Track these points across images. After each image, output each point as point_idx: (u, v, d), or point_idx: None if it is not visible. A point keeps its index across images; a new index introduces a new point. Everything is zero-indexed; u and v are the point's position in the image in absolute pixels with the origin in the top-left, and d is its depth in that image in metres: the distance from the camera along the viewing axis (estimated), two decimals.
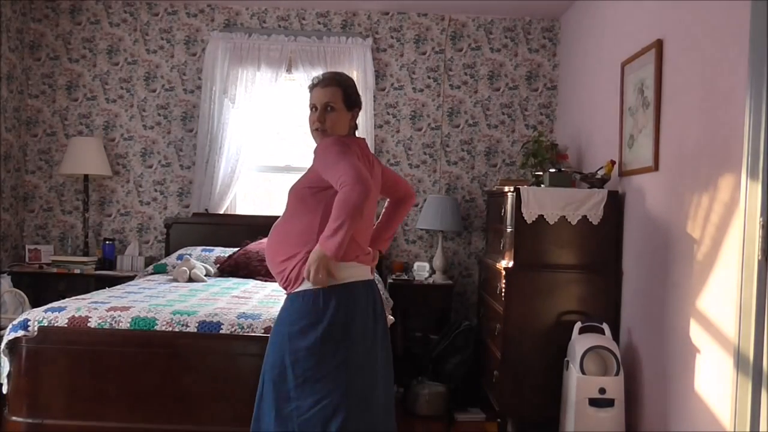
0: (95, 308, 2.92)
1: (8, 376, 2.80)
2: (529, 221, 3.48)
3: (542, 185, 3.70)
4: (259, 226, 4.54)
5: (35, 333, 2.80)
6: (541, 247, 3.50)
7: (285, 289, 2.26)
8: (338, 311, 2.15)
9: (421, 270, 4.66)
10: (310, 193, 2.24)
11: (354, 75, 4.71)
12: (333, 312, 2.14)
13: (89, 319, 2.84)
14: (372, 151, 3.10)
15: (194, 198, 4.83)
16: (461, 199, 4.95)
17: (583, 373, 3.14)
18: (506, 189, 3.73)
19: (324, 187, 2.20)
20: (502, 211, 3.86)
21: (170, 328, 2.82)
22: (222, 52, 4.80)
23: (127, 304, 3.01)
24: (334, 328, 2.14)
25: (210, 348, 2.82)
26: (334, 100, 2.30)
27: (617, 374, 3.15)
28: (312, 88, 2.36)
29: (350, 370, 2.15)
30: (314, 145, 2.35)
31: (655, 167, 3.11)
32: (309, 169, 2.30)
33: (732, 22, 2.48)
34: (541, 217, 3.48)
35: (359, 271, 2.25)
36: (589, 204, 3.47)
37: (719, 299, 2.51)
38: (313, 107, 2.33)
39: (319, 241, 2.11)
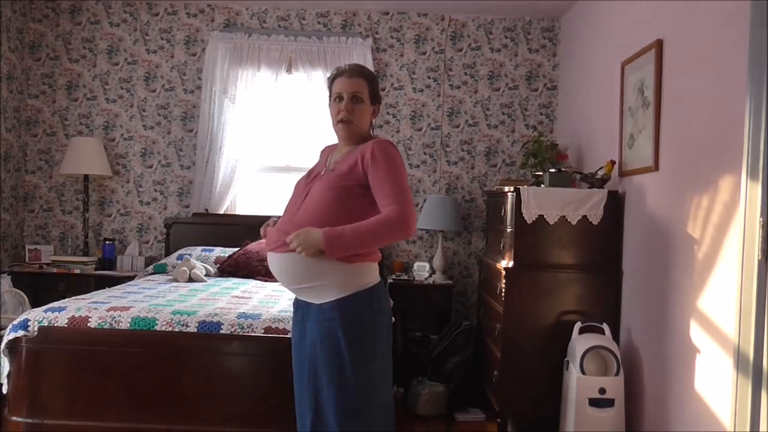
0: (95, 308, 2.92)
1: (8, 376, 2.80)
2: (529, 221, 3.48)
3: (542, 185, 3.70)
4: (259, 226, 4.54)
5: (35, 333, 2.80)
6: (541, 247, 3.50)
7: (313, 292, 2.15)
8: (387, 311, 2.19)
9: (421, 270, 4.66)
10: (359, 193, 2.11)
11: None
12: (386, 312, 2.18)
13: (89, 319, 2.84)
14: None
15: (194, 198, 4.83)
16: (461, 199, 4.95)
17: (583, 373, 3.14)
18: (506, 189, 3.73)
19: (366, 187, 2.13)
20: (502, 211, 3.86)
21: (170, 328, 2.82)
22: (222, 52, 4.80)
23: (127, 304, 3.01)
24: (388, 328, 2.18)
25: (210, 348, 2.82)
26: (362, 91, 2.21)
27: (617, 374, 3.15)
28: (334, 78, 2.24)
29: (391, 370, 2.20)
30: (319, 145, 2.32)
31: (655, 167, 3.11)
32: (353, 163, 2.13)
33: (732, 22, 2.48)
34: (541, 217, 3.48)
35: None
36: (589, 204, 3.47)
37: (719, 299, 2.51)
38: (337, 97, 2.21)
39: (328, 232, 1.99)
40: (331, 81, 2.26)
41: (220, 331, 2.82)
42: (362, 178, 2.12)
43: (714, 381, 2.53)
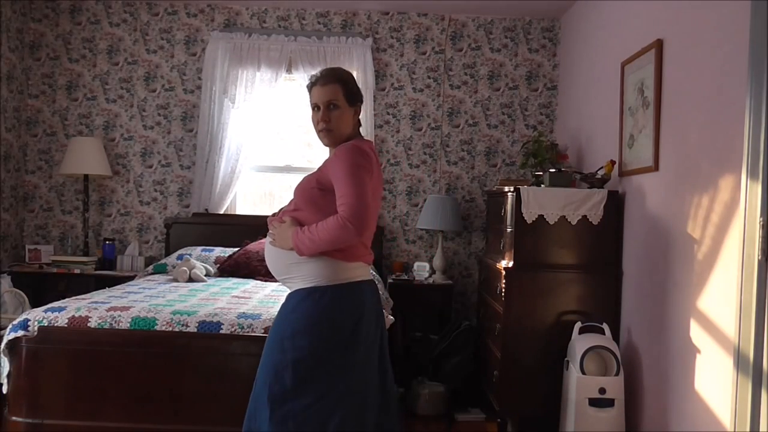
0: (95, 308, 2.92)
1: (8, 376, 2.80)
2: (529, 221, 3.48)
3: (542, 185, 3.70)
4: (259, 226, 4.52)
5: (35, 333, 2.80)
6: (541, 247, 3.50)
7: (285, 284, 2.24)
8: (345, 311, 2.13)
9: (421, 270, 4.66)
10: (320, 194, 2.18)
11: (354, 75, 4.69)
12: (339, 311, 2.12)
13: (89, 319, 2.84)
14: None
15: (194, 198, 4.83)
16: (461, 199, 4.94)
17: (583, 373, 3.14)
18: (506, 189, 3.73)
19: (333, 190, 2.16)
20: (502, 211, 3.86)
21: (170, 328, 2.82)
22: (222, 52, 4.80)
23: (127, 304, 3.01)
24: (339, 328, 2.12)
25: (210, 348, 2.82)
26: (336, 98, 2.24)
27: (617, 374, 3.15)
28: (311, 87, 2.30)
29: (352, 371, 2.12)
30: (319, 145, 2.33)
31: (655, 167, 3.11)
32: (320, 167, 2.24)
33: (732, 22, 2.48)
34: (541, 217, 3.48)
35: (364, 271, 2.24)
36: (589, 204, 3.47)
37: (719, 299, 2.51)
38: (315, 107, 2.28)
39: (297, 231, 2.13)
40: (309, 90, 2.31)
41: (220, 331, 2.82)
42: (325, 181, 2.18)
43: (714, 381, 2.53)
